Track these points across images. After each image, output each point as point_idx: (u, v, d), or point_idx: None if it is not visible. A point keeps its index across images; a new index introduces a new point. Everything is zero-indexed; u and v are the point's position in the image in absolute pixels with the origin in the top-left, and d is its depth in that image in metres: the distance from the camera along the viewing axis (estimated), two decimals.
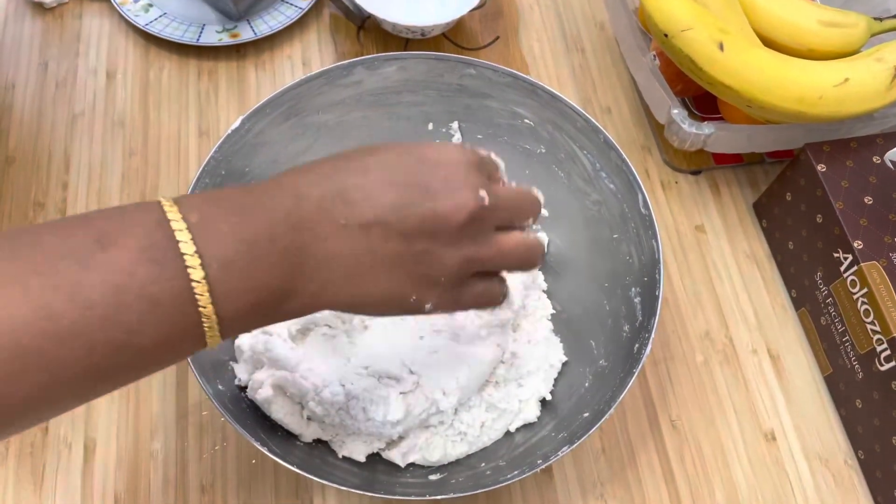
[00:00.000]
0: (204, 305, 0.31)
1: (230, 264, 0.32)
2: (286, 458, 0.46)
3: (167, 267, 0.30)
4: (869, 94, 0.57)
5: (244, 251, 0.32)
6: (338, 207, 0.34)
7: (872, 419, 0.56)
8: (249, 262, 0.32)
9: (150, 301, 0.30)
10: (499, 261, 0.39)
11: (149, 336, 0.30)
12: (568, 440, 0.48)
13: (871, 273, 0.55)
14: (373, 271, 0.35)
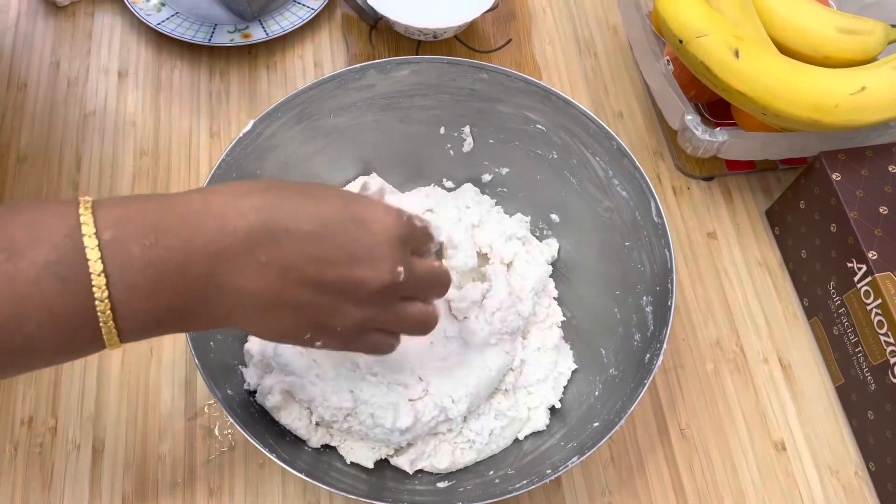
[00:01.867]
0: (105, 322, 0.32)
1: (136, 287, 0.32)
2: (294, 463, 0.45)
3: (72, 283, 0.31)
4: (886, 103, 0.57)
5: (152, 276, 0.33)
6: (262, 246, 0.35)
7: (884, 431, 0.55)
8: (156, 286, 0.33)
9: (51, 313, 0.31)
10: (395, 325, 0.42)
11: (47, 343, 0.32)
12: (577, 450, 0.48)
13: (886, 284, 0.54)
14: (279, 310, 0.37)
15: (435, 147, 0.62)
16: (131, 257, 0.32)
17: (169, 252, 0.33)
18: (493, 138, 0.61)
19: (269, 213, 0.35)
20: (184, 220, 0.34)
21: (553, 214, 0.61)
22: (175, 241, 0.33)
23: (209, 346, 0.50)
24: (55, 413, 0.56)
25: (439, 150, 0.62)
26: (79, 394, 0.57)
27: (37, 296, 0.31)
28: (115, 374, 0.58)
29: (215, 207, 0.35)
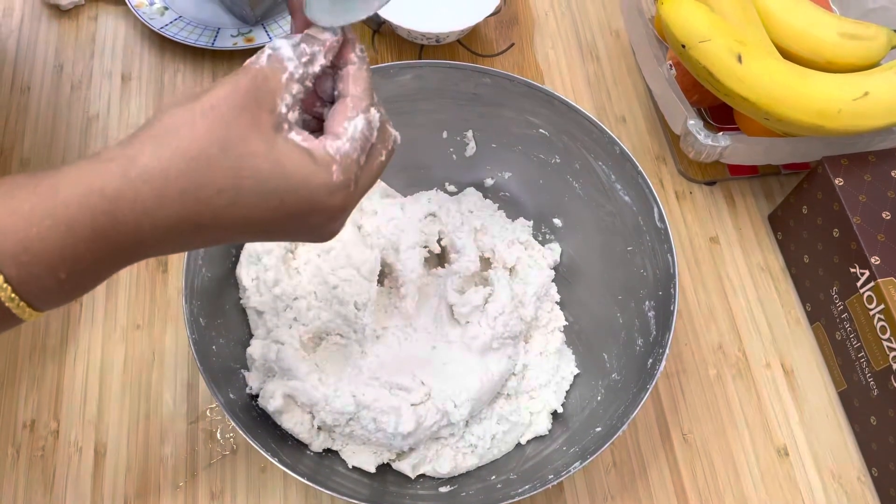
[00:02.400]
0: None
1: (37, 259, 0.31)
2: (296, 467, 0.45)
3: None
4: (889, 108, 0.57)
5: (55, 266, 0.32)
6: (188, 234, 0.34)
7: (887, 437, 0.55)
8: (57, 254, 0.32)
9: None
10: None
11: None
12: (580, 455, 0.48)
13: (889, 289, 0.54)
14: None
15: (438, 151, 0.62)
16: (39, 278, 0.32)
17: (77, 255, 0.32)
18: (495, 142, 0.61)
19: (189, 222, 0.34)
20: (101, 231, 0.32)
21: (555, 219, 0.61)
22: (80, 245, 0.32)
23: (211, 349, 0.50)
24: (57, 416, 0.56)
25: (442, 155, 0.62)
26: (81, 397, 0.57)
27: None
28: (118, 377, 0.58)
29: (138, 215, 0.33)
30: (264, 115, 0.34)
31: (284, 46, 0.35)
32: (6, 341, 0.59)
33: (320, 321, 0.52)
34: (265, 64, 0.34)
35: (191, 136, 0.32)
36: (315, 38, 0.36)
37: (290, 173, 0.34)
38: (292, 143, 0.34)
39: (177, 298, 0.61)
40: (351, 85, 0.37)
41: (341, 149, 0.35)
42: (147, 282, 0.61)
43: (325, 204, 0.35)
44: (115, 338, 0.59)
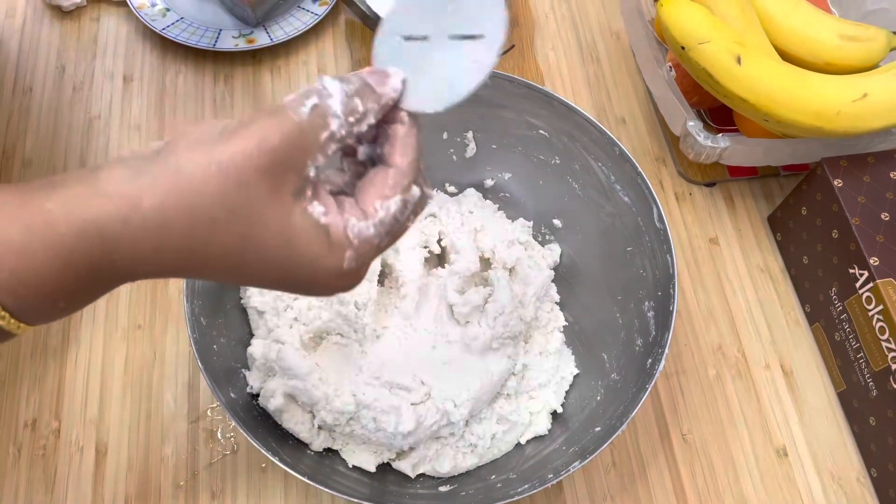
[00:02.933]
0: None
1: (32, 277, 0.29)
2: (296, 466, 0.46)
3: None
4: (887, 110, 0.57)
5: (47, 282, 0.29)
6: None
7: (886, 437, 0.55)
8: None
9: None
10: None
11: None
12: (579, 455, 0.48)
13: (887, 290, 0.55)
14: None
15: (438, 152, 0.62)
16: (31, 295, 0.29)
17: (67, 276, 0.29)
18: (495, 143, 0.61)
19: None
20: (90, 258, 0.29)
21: (555, 219, 0.62)
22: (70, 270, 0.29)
23: (212, 349, 0.50)
24: (59, 415, 0.56)
25: (442, 155, 0.62)
26: (82, 396, 0.57)
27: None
28: (119, 377, 0.58)
29: (145, 252, 0.30)
30: (290, 177, 0.30)
31: (335, 98, 0.31)
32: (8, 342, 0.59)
33: (321, 321, 0.52)
34: (306, 117, 0.30)
35: (200, 190, 0.29)
36: (373, 90, 0.32)
37: (299, 253, 0.31)
38: (310, 219, 0.31)
39: (178, 298, 0.61)
40: (398, 154, 0.33)
41: (362, 233, 0.32)
42: (148, 282, 0.62)
43: (329, 284, 0.33)
44: (116, 338, 0.59)
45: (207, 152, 0.29)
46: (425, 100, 0.33)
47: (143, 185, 0.29)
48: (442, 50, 0.34)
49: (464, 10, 0.34)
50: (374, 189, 0.33)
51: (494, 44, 0.33)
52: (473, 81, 0.33)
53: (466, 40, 0.33)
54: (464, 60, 0.33)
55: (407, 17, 0.34)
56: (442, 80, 0.33)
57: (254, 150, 0.29)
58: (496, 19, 0.33)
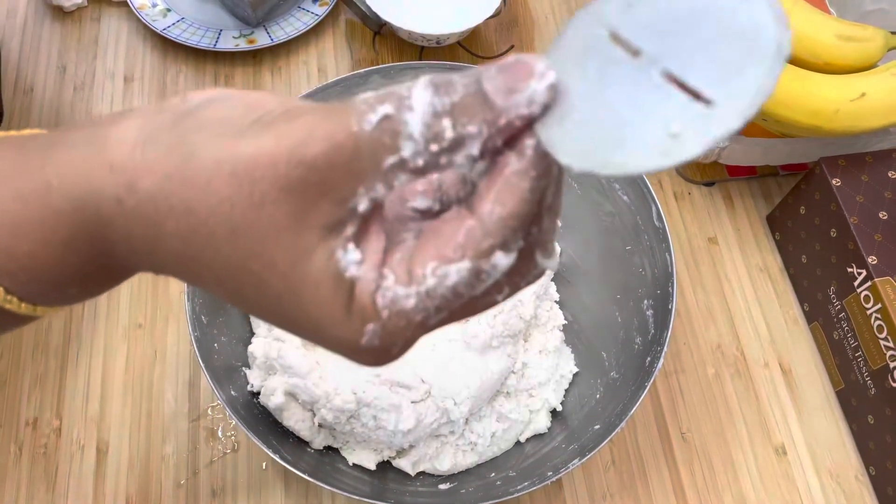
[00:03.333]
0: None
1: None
2: (297, 464, 0.46)
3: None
4: (885, 109, 0.57)
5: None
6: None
7: (885, 435, 0.55)
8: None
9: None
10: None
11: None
12: (579, 452, 0.48)
13: (886, 289, 0.55)
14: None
15: None
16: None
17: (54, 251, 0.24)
18: None
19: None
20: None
21: None
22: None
23: (213, 347, 0.50)
24: (60, 414, 0.57)
25: None
26: (83, 395, 0.57)
27: None
28: (120, 375, 0.58)
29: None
30: (324, 205, 0.22)
31: (416, 113, 0.21)
32: (9, 339, 0.59)
33: None
34: (368, 130, 0.22)
35: (204, 192, 0.22)
36: (487, 104, 0.21)
37: (304, 311, 0.23)
38: (332, 268, 0.22)
39: (178, 297, 0.61)
40: (489, 200, 0.22)
41: (397, 304, 0.23)
42: (149, 280, 0.62)
43: (344, 354, 0.24)
44: (117, 336, 0.60)
45: (228, 145, 0.22)
46: (575, 143, 0.21)
47: (148, 159, 0.22)
48: (643, 84, 0.21)
49: (715, 45, 0.20)
50: (435, 242, 0.23)
51: (724, 123, 0.19)
52: (649, 160, 0.20)
53: (689, 95, 0.20)
54: (663, 120, 0.20)
55: (633, 8, 0.21)
56: (618, 127, 0.21)
57: (283, 158, 0.21)
58: (752, 87, 0.19)
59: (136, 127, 0.23)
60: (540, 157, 0.22)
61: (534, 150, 0.22)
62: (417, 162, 0.22)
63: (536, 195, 0.22)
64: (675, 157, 0.20)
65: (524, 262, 0.24)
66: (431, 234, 0.23)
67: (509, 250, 0.23)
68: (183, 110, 0.23)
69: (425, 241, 0.23)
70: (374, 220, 0.23)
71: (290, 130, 0.22)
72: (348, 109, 0.22)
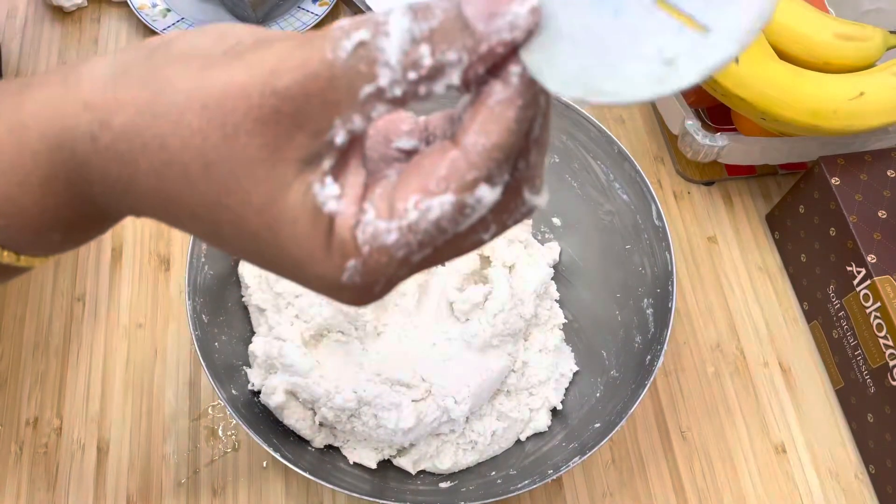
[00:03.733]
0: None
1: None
2: (298, 463, 0.46)
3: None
4: (884, 109, 0.57)
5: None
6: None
7: (884, 434, 0.56)
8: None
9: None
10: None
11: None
12: (579, 451, 0.48)
13: (885, 287, 0.55)
14: None
15: None
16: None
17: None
18: None
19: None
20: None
21: (554, 218, 0.62)
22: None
23: (214, 346, 0.50)
24: (60, 413, 0.57)
25: None
26: (84, 394, 0.57)
27: None
28: (120, 374, 0.58)
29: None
30: (299, 137, 0.21)
31: (393, 38, 0.20)
32: (10, 338, 0.59)
33: (322, 318, 0.52)
34: (343, 57, 0.21)
35: (176, 125, 0.21)
36: (467, 29, 0.20)
37: (282, 247, 0.22)
38: (310, 202, 0.22)
39: (178, 296, 0.61)
40: (473, 130, 0.21)
41: (378, 239, 0.22)
42: (149, 280, 0.62)
43: (323, 293, 0.24)
44: (117, 336, 0.60)
45: (198, 75, 0.21)
46: (564, 70, 0.20)
47: (119, 95, 0.22)
48: (635, 8, 0.20)
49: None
50: (417, 176, 0.22)
51: (721, 50, 0.19)
52: (643, 89, 0.19)
53: (682, 21, 0.19)
54: (656, 47, 0.19)
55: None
56: (608, 53, 0.20)
57: (255, 88, 0.21)
58: (752, 11, 0.19)
59: (108, 63, 0.23)
60: (526, 85, 0.21)
61: (519, 78, 0.21)
62: (395, 91, 0.21)
63: (523, 126, 0.22)
64: (671, 84, 0.19)
65: (511, 197, 0.23)
66: (414, 167, 0.22)
67: (494, 184, 0.22)
68: (154, 43, 0.23)
69: (407, 175, 0.22)
70: (353, 154, 0.23)
71: (262, 59, 0.21)
72: (323, 36, 0.21)
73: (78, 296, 0.61)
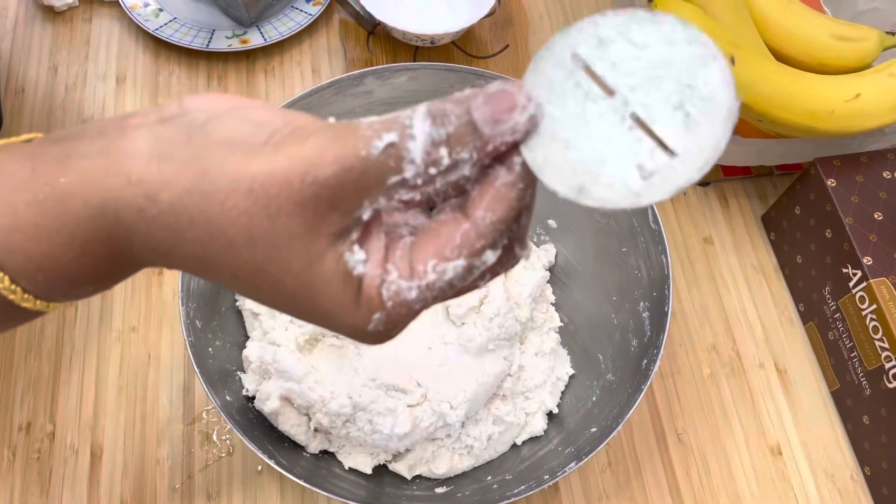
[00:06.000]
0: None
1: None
2: (292, 469, 0.46)
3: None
4: (881, 110, 0.57)
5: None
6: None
7: (880, 436, 0.56)
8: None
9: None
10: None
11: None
12: (575, 456, 0.48)
13: (881, 289, 0.55)
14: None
15: None
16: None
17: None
18: None
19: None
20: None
21: (550, 220, 0.62)
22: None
23: (207, 351, 0.50)
24: (53, 419, 0.56)
25: None
26: (77, 399, 0.57)
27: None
28: (114, 379, 0.58)
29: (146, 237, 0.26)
30: (334, 217, 0.25)
31: (418, 142, 0.24)
32: (2, 343, 0.59)
33: None
34: (375, 154, 0.24)
35: (223, 205, 0.24)
36: (476, 133, 0.24)
37: (318, 304, 0.26)
38: (342, 267, 0.25)
39: (172, 301, 0.61)
40: (482, 206, 0.26)
41: (400, 296, 0.26)
42: (142, 284, 0.61)
43: (350, 337, 0.28)
44: (110, 340, 0.59)
45: (243, 163, 0.24)
46: (558, 169, 0.24)
47: (165, 173, 0.25)
48: (618, 124, 0.24)
49: (678, 98, 0.23)
50: (434, 243, 0.26)
51: (686, 174, 0.23)
52: (624, 199, 0.23)
53: (654, 140, 0.23)
54: (635, 161, 0.23)
55: (605, 47, 0.24)
56: (593, 161, 0.24)
57: (297, 178, 0.24)
58: (710, 144, 0.23)
59: (146, 140, 0.25)
60: (526, 171, 0.25)
61: (521, 167, 0.25)
62: (417, 181, 0.25)
63: (522, 203, 0.26)
64: (646, 199, 0.23)
65: (505, 254, 0.27)
66: (431, 234, 0.26)
67: (497, 248, 0.26)
68: (189, 123, 0.26)
69: (425, 241, 0.26)
70: (375, 224, 0.26)
71: (302, 151, 0.24)
72: (355, 133, 0.24)
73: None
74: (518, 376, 0.55)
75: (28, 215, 0.25)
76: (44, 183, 0.25)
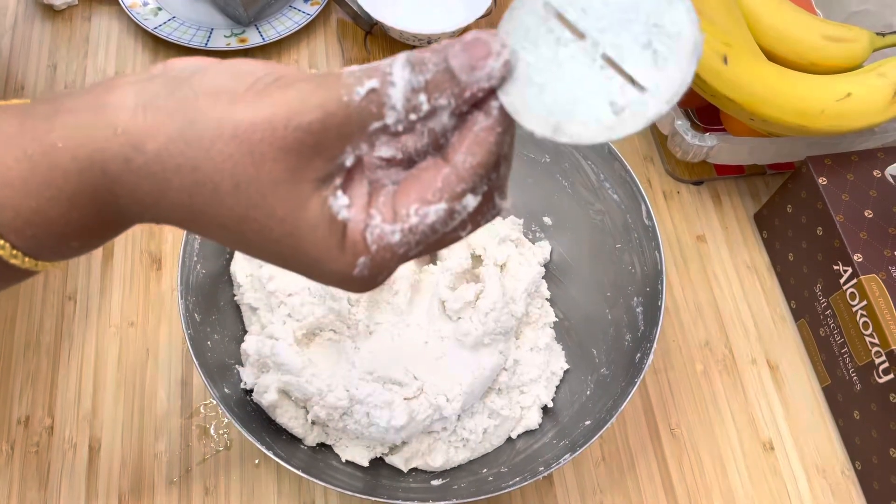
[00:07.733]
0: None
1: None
2: (290, 461, 0.46)
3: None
4: (870, 110, 0.58)
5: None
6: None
7: (870, 430, 0.56)
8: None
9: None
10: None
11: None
12: (569, 448, 0.49)
13: (871, 286, 0.56)
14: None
15: None
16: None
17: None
18: None
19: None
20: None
21: (545, 217, 0.62)
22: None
23: (206, 345, 0.50)
24: (52, 412, 0.57)
25: None
26: (75, 393, 0.57)
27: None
28: (112, 373, 0.58)
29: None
30: (317, 162, 0.26)
31: (398, 88, 0.25)
32: (1, 337, 0.59)
33: (314, 317, 0.52)
34: (357, 100, 0.25)
35: (208, 151, 0.25)
36: (454, 79, 0.25)
37: (303, 250, 0.26)
38: (326, 212, 0.26)
39: (170, 295, 0.61)
40: (462, 151, 0.26)
41: (384, 239, 0.27)
42: (141, 279, 0.62)
43: (335, 285, 0.28)
44: (109, 334, 0.60)
45: (227, 109, 0.25)
46: (534, 110, 0.25)
47: (150, 122, 0.25)
48: (589, 65, 0.25)
49: (646, 37, 0.24)
50: (416, 187, 0.27)
51: (655, 107, 0.24)
52: (598, 134, 0.25)
53: (624, 77, 0.24)
54: (607, 98, 0.24)
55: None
56: (567, 102, 0.25)
57: (281, 123, 0.25)
58: (677, 78, 0.24)
59: (132, 93, 0.26)
60: (504, 115, 0.26)
61: (498, 111, 0.26)
62: (398, 127, 0.26)
63: (501, 147, 0.27)
64: (618, 132, 0.24)
65: (485, 202, 0.28)
66: (412, 179, 0.27)
67: (477, 193, 0.27)
68: (174, 77, 0.26)
69: (407, 186, 0.27)
70: (358, 170, 0.27)
71: (286, 98, 0.25)
72: (338, 81, 0.25)
73: (69, 294, 0.61)
74: (513, 371, 0.56)
75: (17, 171, 0.25)
76: (32, 138, 0.26)
